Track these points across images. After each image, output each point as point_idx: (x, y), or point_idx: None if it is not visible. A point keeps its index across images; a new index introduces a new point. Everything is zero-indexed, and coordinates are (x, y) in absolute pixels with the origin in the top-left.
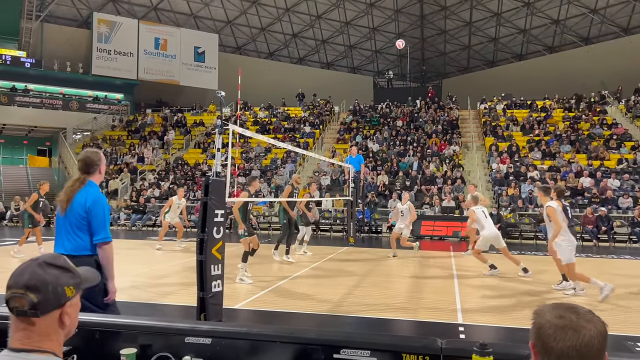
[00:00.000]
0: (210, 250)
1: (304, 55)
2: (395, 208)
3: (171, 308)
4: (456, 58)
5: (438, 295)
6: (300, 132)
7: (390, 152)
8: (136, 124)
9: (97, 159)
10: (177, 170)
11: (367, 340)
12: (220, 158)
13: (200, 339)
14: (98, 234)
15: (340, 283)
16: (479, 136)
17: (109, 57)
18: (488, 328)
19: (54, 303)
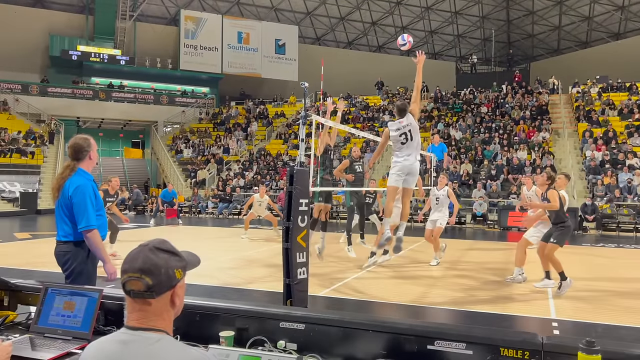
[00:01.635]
0: (295, 238)
1: (383, 43)
2: (428, 197)
3: (258, 293)
4: (545, 40)
5: (527, 289)
6: (380, 121)
7: (474, 140)
8: (221, 117)
9: (87, 145)
10: (260, 161)
11: (462, 332)
12: (303, 148)
13: (294, 324)
14: (80, 222)
15: (423, 274)
16: (571, 122)
17: (195, 53)
18: (584, 325)
19: (167, 285)
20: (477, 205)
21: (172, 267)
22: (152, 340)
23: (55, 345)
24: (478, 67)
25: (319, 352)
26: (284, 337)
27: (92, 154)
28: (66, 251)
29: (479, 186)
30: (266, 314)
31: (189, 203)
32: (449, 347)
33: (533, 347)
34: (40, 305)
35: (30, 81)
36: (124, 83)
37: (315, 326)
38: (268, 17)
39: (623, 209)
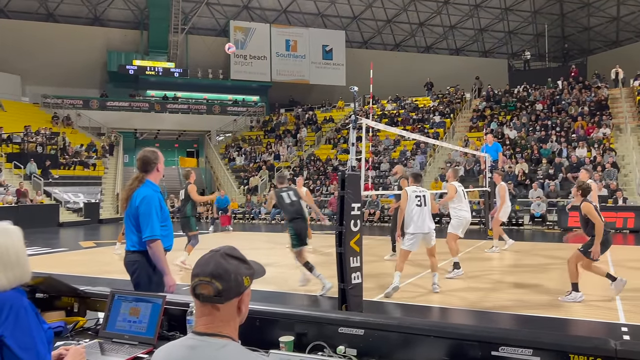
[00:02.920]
0: (348, 243)
1: (432, 44)
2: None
3: (313, 298)
4: (602, 32)
5: (593, 291)
6: (430, 122)
7: (529, 139)
8: (271, 124)
9: (155, 157)
10: (310, 166)
11: (529, 338)
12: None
13: (353, 330)
14: (144, 232)
15: (482, 278)
16: (634, 116)
17: (245, 62)
18: None
19: (235, 291)
20: (535, 206)
21: (241, 274)
22: (219, 345)
23: (123, 349)
24: (531, 63)
25: (379, 358)
26: (344, 342)
27: (160, 166)
28: (134, 260)
29: (535, 186)
30: (325, 319)
31: (242, 210)
32: (514, 353)
33: (605, 354)
34: (108, 312)
35: (91, 96)
36: (178, 94)
37: (375, 331)
38: (315, 24)
39: None
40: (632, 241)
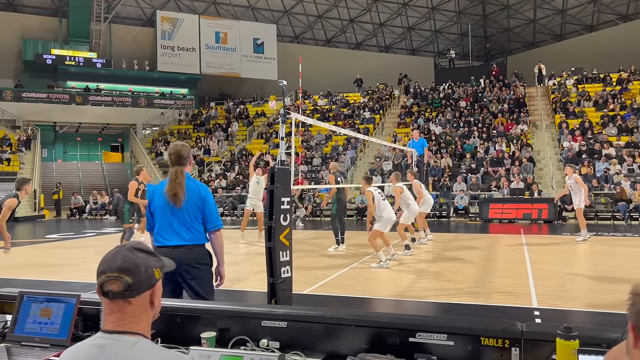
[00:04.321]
0: (278, 237)
1: (362, 40)
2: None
3: (243, 294)
4: (521, 33)
5: (510, 280)
6: (360, 118)
7: (454, 134)
8: (201, 118)
9: (188, 151)
10: (242, 161)
11: (443, 324)
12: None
13: (276, 323)
14: (215, 221)
15: (407, 268)
16: (548, 114)
17: (172, 54)
18: (566, 312)
19: (146, 284)
20: (459, 199)
21: (151, 266)
22: (129, 343)
23: (32, 353)
24: (456, 62)
25: (302, 349)
26: (267, 335)
27: (191, 159)
28: (203, 253)
29: (459, 180)
30: (248, 313)
31: None
32: (430, 338)
33: (513, 336)
34: (16, 314)
35: (4, 86)
36: (101, 86)
37: (298, 323)
38: (245, 17)
39: (600, 198)
40: (546, 230)
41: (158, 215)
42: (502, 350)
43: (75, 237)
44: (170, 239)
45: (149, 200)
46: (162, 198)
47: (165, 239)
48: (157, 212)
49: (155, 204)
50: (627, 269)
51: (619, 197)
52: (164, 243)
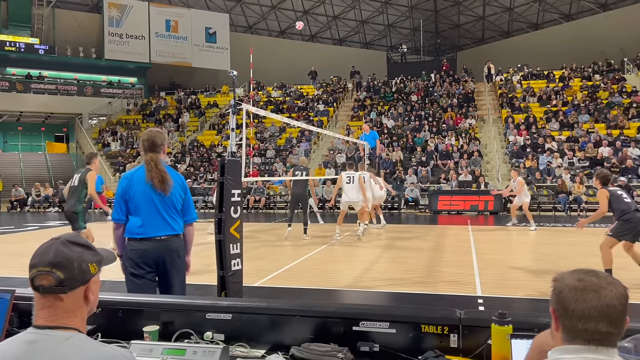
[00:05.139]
0: (228, 230)
1: (316, 33)
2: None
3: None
4: (471, 30)
5: (456, 269)
6: (314, 111)
7: (405, 128)
8: (150, 108)
9: (163, 138)
10: (193, 152)
11: (385, 312)
12: (235, 138)
13: (221, 315)
14: (193, 213)
15: (359, 259)
16: (495, 109)
17: (121, 41)
18: (507, 299)
19: (80, 279)
20: (409, 191)
21: (86, 261)
22: (61, 338)
23: None
24: (408, 56)
25: (247, 341)
26: (211, 328)
27: (166, 147)
28: (182, 246)
29: (410, 172)
30: (192, 306)
31: None
32: (373, 327)
33: (452, 322)
34: None
35: None
36: (44, 74)
37: (243, 315)
38: (197, 5)
39: (543, 190)
40: (492, 222)
41: (140, 204)
42: (441, 337)
43: (16, 230)
44: (158, 229)
45: (123, 189)
46: (144, 186)
47: (152, 229)
48: (138, 201)
49: (133, 192)
50: (565, 258)
51: (560, 189)
52: (150, 234)
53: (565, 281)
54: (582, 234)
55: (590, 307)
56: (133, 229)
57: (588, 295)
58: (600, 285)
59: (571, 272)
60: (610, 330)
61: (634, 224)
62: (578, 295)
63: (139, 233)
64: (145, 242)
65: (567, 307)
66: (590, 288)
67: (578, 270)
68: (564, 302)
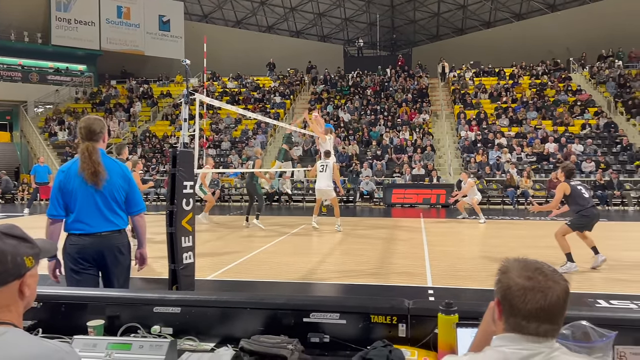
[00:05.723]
0: (180, 222)
1: (273, 24)
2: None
3: (144, 281)
4: (426, 26)
5: (408, 261)
6: (271, 103)
7: (361, 122)
8: (100, 96)
9: (101, 125)
10: (145, 143)
11: (336, 303)
12: (187, 129)
13: (169, 308)
14: (141, 204)
15: (314, 252)
16: (448, 104)
17: (69, 27)
18: (456, 290)
19: (14, 273)
20: (364, 184)
21: (21, 254)
22: None
23: None
24: (364, 50)
25: (196, 334)
26: (159, 322)
27: (106, 136)
28: (125, 242)
29: (365, 166)
30: (139, 299)
31: None
32: (323, 318)
33: (400, 312)
34: None
35: None
36: None
37: (192, 308)
38: None
39: (492, 185)
40: (444, 215)
41: (78, 199)
42: (390, 327)
43: None
44: (96, 225)
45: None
46: (77, 179)
47: (91, 225)
48: (74, 196)
49: (71, 186)
50: (512, 249)
51: (508, 184)
52: (89, 230)
53: (513, 278)
54: (529, 228)
55: (537, 308)
56: (71, 224)
57: (536, 295)
58: (547, 285)
59: (518, 266)
60: (552, 327)
61: (589, 218)
62: (527, 296)
63: (78, 229)
64: (85, 237)
65: (513, 306)
66: (538, 288)
67: (526, 264)
68: (511, 300)
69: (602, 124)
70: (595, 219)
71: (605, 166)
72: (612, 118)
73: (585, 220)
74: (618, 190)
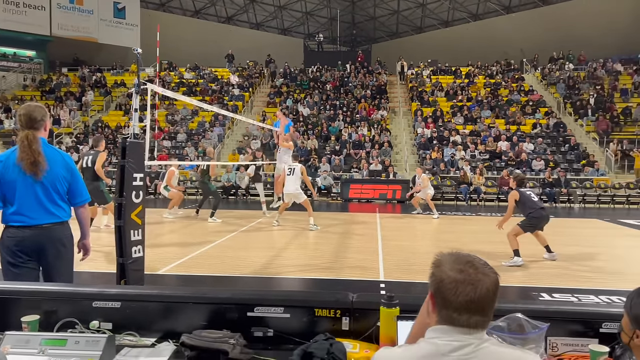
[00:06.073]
0: (129, 215)
1: (232, 15)
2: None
3: (88, 275)
4: (386, 23)
5: (362, 255)
6: (229, 95)
7: (320, 117)
8: (51, 84)
9: (43, 113)
10: (97, 134)
11: (280, 297)
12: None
13: (109, 303)
14: (84, 194)
15: (268, 246)
16: (406, 101)
17: (17, 10)
18: (407, 284)
19: None
20: (322, 179)
21: None
22: None
23: None
24: (325, 45)
25: (137, 329)
26: (98, 317)
27: (48, 124)
28: (68, 234)
29: (324, 161)
30: (77, 294)
31: None
32: (267, 312)
33: (344, 306)
34: None
35: None
36: None
37: (132, 303)
38: None
39: (446, 181)
40: (399, 210)
41: (17, 190)
42: (334, 320)
43: None
44: (37, 217)
45: None
46: (16, 168)
47: (31, 217)
48: (13, 186)
49: (10, 176)
50: (465, 244)
51: (462, 180)
52: (29, 222)
53: (446, 272)
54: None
55: (467, 300)
56: (9, 216)
57: (466, 288)
58: (477, 277)
59: (451, 261)
60: (482, 319)
61: (538, 219)
62: (458, 288)
63: (17, 221)
64: (24, 229)
65: (445, 299)
66: (469, 281)
67: (458, 257)
68: (443, 293)
69: (552, 123)
70: (544, 219)
71: (554, 164)
72: (561, 118)
73: (535, 221)
74: (565, 188)
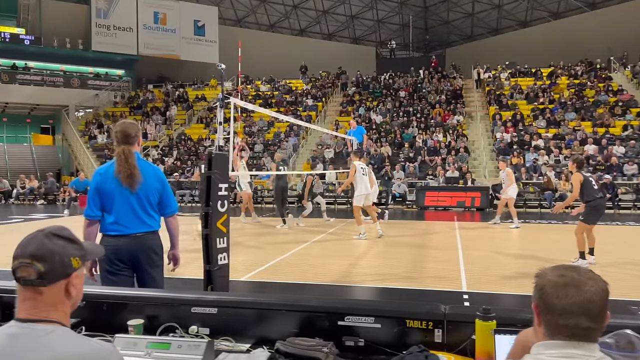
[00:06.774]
0: (215, 224)
1: (305, 27)
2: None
3: (179, 281)
4: (460, 26)
5: (442, 265)
6: (303, 105)
7: (393, 124)
8: (138, 100)
9: (136, 129)
10: (181, 146)
11: (371, 307)
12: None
13: (206, 309)
14: (174, 205)
15: (346, 255)
16: (483, 105)
17: (108, 33)
18: (492, 295)
19: (61, 273)
20: (396, 187)
21: (68, 254)
22: (44, 332)
23: None
24: (397, 52)
25: (232, 335)
26: (197, 322)
27: (140, 139)
28: (159, 243)
29: (397, 168)
30: (177, 300)
31: None
32: (358, 321)
33: (436, 318)
34: None
35: None
36: (30, 64)
37: (228, 309)
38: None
39: (529, 187)
40: (479, 218)
41: (114, 201)
42: (426, 332)
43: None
44: (132, 226)
45: (97, 184)
46: (114, 181)
47: (127, 226)
48: (111, 197)
49: (108, 188)
50: (551, 253)
51: (546, 186)
52: (125, 231)
53: (546, 277)
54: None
55: (571, 303)
56: (107, 225)
57: (569, 290)
58: (581, 280)
59: (553, 269)
60: (591, 326)
61: (597, 210)
62: (559, 291)
63: (113, 230)
64: (120, 238)
65: (548, 303)
66: (572, 284)
67: (560, 267)
68: (545, 298)
69: None
70: (602, 209)
71: None
72: None
73: (594, 211)
74: None
